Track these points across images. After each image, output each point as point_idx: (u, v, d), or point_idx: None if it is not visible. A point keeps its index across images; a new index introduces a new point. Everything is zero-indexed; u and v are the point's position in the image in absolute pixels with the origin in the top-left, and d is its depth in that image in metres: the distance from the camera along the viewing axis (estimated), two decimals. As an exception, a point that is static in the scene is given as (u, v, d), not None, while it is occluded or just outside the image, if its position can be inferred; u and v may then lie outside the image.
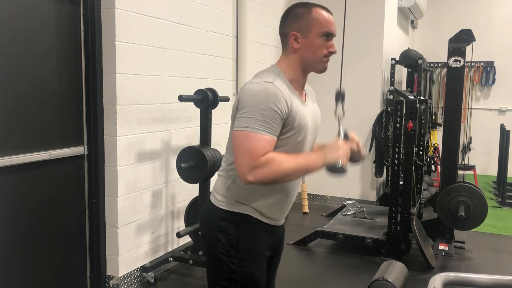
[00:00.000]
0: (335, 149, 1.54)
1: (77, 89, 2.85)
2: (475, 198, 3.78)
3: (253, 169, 1.45)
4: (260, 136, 1.46)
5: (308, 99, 1.70)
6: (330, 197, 5.50)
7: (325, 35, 1.58)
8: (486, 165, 7.62)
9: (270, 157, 1.47)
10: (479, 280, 1.64)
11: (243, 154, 1.47)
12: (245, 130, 1.47)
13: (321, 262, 3.85)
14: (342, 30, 1.68)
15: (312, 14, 1.58)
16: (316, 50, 1.58)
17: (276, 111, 1.47)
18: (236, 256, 1.60)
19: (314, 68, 1.63)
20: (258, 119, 1.46)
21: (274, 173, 1.47)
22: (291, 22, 1.60)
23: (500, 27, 7.51)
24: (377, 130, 5.08)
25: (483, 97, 7.77)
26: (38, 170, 2.63)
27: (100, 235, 2.97)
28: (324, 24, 1.57)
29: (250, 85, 1.53)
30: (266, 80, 1.52)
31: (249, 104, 1.48)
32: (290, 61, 1.62)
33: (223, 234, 1.60)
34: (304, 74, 1.64)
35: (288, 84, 1.57)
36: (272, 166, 1.46)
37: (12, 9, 2.44)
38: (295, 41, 1.59)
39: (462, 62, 3.91)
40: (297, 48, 1.59)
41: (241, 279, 1.61)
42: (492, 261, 3.89)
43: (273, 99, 1.47)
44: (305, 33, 1.58)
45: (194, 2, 3.57)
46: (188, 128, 3.61)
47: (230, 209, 1.61)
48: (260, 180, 1.47)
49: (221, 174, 1.67)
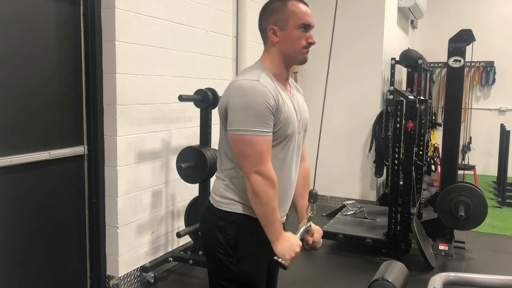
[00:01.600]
0: (287, 247, 1.56)
1: (77, 89, 2.85)
2: (475, 198, 3.78)
3: (260, 173, 1.51)
4: (262, 139, 1.50)
5: (293, 91, 1.72)
6: (330, 197, 5.50)
7: (303, 27, 1.60)
8: (486, 165, 7.62)
9: (275, 181, 1.54)
10: (479, 280, 1.64)
11: (250, 158, 1.51)
12: (246, 134, 1.49)
13: (321, 262, 3.84)
14: (331, 33, 1.68)
15: (288, 7, 1.59)
16: (295, 42, 1.60)
17: (268, 108, 1.50)
18: (234, 256, 1.61)
19: (295, 60, 1.65)
20: (254, 120, 1.49)
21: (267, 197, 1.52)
22: (268, 16, 1.63)
23: (500, 27, 7.51)
24: (377, 130, 5.08)
25: (483, 97, 7.77)
26: (38, 170, 2.63)
27: (100, 235, 2.97)
28: (300, 15, 1.59)
29: (236, 84, 1.54)
30: (251, 78, 1.54)
31: (241, 105, 1.50)
32: (271, 56, 1.63)
33: (222, 234, 1.61)
34: (286, 67, 1.66)
35: (272, 78, 1.59)
36: (271, 190, 1.53)
37: (12, 9, 2.44)
38: (273, 34, 1.61)
39: (462, 62, 3.91)
40: (276, 42, 1.61)
41: (240, 279, 1.61)
42: (492, 261, 3.89)
43: (263, 97, 1.50)
44: (283, 26, 1.60)
45: (194, 2, 3.57)
46: (188, 128, 3.61)
47: (229, 209, 1.62)
48: (258, 187, 1.52)
49: (218, 176, 1.69)
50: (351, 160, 5.34)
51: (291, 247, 1.56)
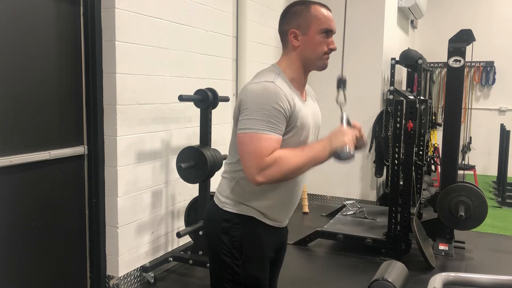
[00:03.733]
0: (340, 135, 1.51)
1: (77, 89, 2.85)
2: (475, 198, 3.78)
3: (261, 170, 1.45)
4: (265, 136, 1.45)
5: (309, 98, 1.70)
6: (330, 197, 5.49)
7: (325, 32, 1.58)
8: (486, 165, 7.62)
9: (277, 155, 1.45)
10: (479, 280, 1.64)
11: (250, 157, 1.47)
12: (250, 132, 1.46)
13: (321, 262, 3.85)
14: (343, 27, 1.67)
15: (311, 12, 1.57)
16: (316, 47, 1.58)
17: (279, 110, 1.47)
18: (239, 258, 1.59)
19: (315, 66, 1.62)
20: (262, 120, 1.45)
21: (282, 171, 1.46)
22: (290, 20, 1.60)
23: (500, 27, 7.51)
24: (377, 130, 5.08)
25: (483, 97, 7.77)
26: (38, 170, 2.63)
27: (100, 235, 2.97)
28: (323, 21, 1.57)
29: (251, 86, 1.52)
30: (266, 79, 1.51)
31: (251, 105, 1.47)
32: (290, 60, 1.61)
33: (227, 235, 1.60)
34: (305, 72, 1.63)
35: (288, 83, 1.57)
36: (280, 164, 1.45)
37: (12, 9, 2.44)
38: (294, 38, 1.59)
39: (462, 62, 3.91)
40: (296, 46, 1.59)
41: (244, 281, 1.60)
42: (492, 261, 3.89)
43: (275, 98, 1.47)
44: (305, 30, 1.57)
45: (194, 2, 3.57)
46: (188, 128, 3.61)
47: (234, 211, 1.60)
48: (270, 180, 1.47)
49: (225, 176, 1.66)
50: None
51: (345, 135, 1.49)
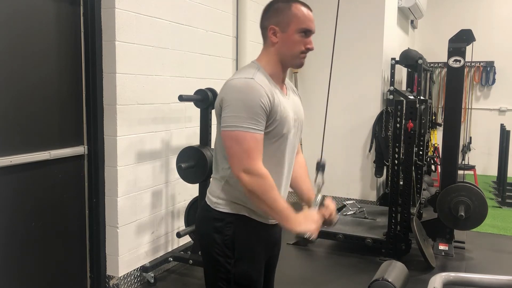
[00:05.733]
0: (310, 222, 1.56)
1: (77, 89, 2.85)
2: (475, 198, 3.78)
3: (248, 171, 1.49)
4: (250, 135, 1.48)
5: (289, 92, 1.72)
6: (330, 197, 5.49)
7: (303, 32, 1.59)
8: (486, 165, 7.62)
9: (267, 174, 1.50)
10: (479, 280, 1.64)
11: (237, 155, 1.50)
12: (235, 130, 1.49)
13: (321, 262, 3.85)
14: (332, 33, 1.67)
15: (292, 10, 1.59)
16: (294, 46, 1.60)
17: (261, 106, 1.49)
18: (232, 257, 1.61)
19: (291, 63, 1.65)
20: (245, 117, 1.48)
21: (262, 191, 1.49)
22: (271, 16, 1.62)
23: (500, 27, 7.51)
24: (377, 130, 5.08)
25: (483, 97, 7.77)
26: (38, 170, 2.63)
27: (100, 235, 2.97)
28: (302, 20, 1.59)
29: (231, 82, 1.54)
30: (246, 76, 1.54)
31: (234, 102, 1.50)
32: (269, 56, 1.63)
33: (219, 234, 1.61)
34: (283, 68, 1.65)
35: (268, 78, 1.59)
36: (265, 183, 1.50)
37: (12, 9, 2.44)
38: (273, 35, 1.61)
39: (462, 62, 3.91)
40: (275, 42, 1.61)
41: (238, 280, 1.61)
42: (492, 261, 3.89)
43: (256, 94, 1.49)
44: (284, 28, 1.59)
45: (194, 2, 3.57)
46: (188, 128, 3.61)
47: (226, 210, 1.62)
48: (249, 184, 1.49)
49: (215, 177, 1.69)
50: (351, 160, 5.33)
51: (312, 221, 1.56)
